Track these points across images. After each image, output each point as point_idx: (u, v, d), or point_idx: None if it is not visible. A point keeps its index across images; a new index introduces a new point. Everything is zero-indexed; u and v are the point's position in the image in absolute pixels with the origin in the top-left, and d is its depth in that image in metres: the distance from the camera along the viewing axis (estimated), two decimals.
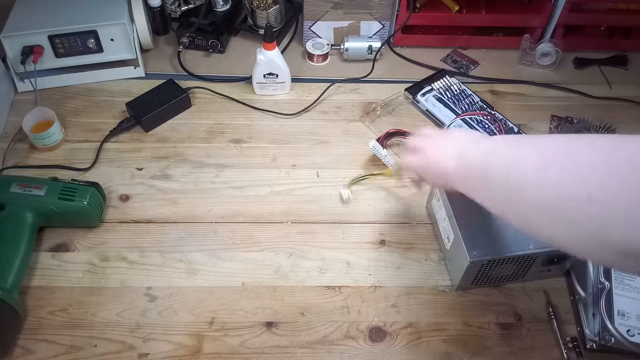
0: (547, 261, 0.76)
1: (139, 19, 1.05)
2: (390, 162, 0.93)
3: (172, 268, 0.83)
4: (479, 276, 0.77)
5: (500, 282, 0.80)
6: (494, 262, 0.74)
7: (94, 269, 0.82)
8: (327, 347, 0.75)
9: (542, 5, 1.10)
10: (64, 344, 0.75)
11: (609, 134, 0.97)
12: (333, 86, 1.08)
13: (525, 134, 0.98)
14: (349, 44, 1.11)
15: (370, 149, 0.94)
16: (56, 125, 0.95)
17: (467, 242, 0.74)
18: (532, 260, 0.75)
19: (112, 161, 0.96)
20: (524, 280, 0.80)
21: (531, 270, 0.78)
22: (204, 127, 1.01)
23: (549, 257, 0.75)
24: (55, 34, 1.00)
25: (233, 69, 1.12)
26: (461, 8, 1.11)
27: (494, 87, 1.10)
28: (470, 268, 0.74)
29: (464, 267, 0.74)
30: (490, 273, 0.76)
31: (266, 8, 1.12)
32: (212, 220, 0.88)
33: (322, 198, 0.91)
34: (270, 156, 0.97)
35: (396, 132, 0.98)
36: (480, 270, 0.75)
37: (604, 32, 1.17)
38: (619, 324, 0.73)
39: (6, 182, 0.83)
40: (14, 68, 1.02)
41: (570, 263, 0.80)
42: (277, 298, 0.80)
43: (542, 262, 0.76)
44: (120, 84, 1.08)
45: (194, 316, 0.78)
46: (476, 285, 0.79)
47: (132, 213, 0.89)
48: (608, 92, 1.09)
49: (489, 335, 0.77)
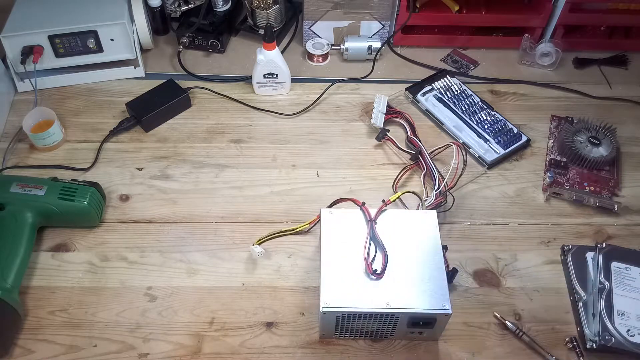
0: (412, 323, 0.71)
1: (139, 19, 1.05)
2: (377, 123, 0.97)
3: (172, 268, 0.83)
4: (340, 328, 0.73)
5: (367, 337, 0.75)
6: (349, 315, 0.70)
7: (94, 269, 0.82)
8: (327, 347, 0.75)
9: (542, 5, 1.10)
10: (63, 344, 0.75)
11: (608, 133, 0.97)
12: (333, 86, 1.08)
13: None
14: (349, 44, 1.11)
15: (375, 100, 0.99)
16: (56, 125, 0.95)
17: (325, 291, 0.70)
18: (393, 320, 0.71)
19: (112, 161, 0.96)
20: (393, 338, 0.76)
21: (398, 329, 0.73)
22: (204, 127, 1.01)
23: (412, 318, 0.70)
24: (55, 34, 1.00)
25: (233, 69, 1.12)
26: (461, 8, 1.11)
27: (494, 87, 1.10)
28: (324, 318, 0.71)
29: (319, 316, 0.71)
30: (352, 326, 0.72)
31: (266, 8, 1.12)
32: (212, 220, 0.88)
33: (322, 198, 0.91)
34: (270, 156, 0.97)
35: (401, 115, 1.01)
36: (338, 322, 0.71)
37: (604, 32, 1.17)
38: (619, 324, 0.73)
39: (6, 182, 0.83)
40: (14, 68, 1.02)
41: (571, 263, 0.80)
42: (277, 298, 0.80)
43: (407, 323, 0.71)
44: (120, 84, 1.08)
45: (194, 316, 0.78)
46: (340, 337, 0.75)
47: (132, 213, 0.89)
48: (608, 92, 1.09)
49: (489, 335, 0.77)
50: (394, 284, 0.71)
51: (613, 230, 0.89)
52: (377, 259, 0.73)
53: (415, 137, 0.97)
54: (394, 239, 0.75)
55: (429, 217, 0.78)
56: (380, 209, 0.78)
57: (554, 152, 0.98)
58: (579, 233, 0.88)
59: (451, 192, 0.89)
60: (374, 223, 0.76)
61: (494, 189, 0.93)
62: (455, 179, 0.88)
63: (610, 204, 0.90)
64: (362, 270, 0.72)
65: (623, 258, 0.80)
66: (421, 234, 0.76)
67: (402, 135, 0.99)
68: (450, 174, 0.88)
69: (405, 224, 0.77)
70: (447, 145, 0.93)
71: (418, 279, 0.71)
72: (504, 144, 0.97)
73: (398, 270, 0.72)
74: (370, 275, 0.72)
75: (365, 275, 0.72)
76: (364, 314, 0.70)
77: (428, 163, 0.91)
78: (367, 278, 0.72)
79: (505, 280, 0.83)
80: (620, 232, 0.89)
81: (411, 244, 0.75)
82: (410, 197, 0.88)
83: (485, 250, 0.86)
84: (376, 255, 0.74)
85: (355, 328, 0.73)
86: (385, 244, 0.74)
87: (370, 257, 0.73)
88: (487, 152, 0.96)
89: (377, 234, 0.75)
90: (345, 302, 0.69)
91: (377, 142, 0.99)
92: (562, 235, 0.88)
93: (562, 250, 0.85)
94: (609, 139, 0.96)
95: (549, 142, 1.00)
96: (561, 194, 0.92)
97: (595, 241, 0.85)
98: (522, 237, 0.88)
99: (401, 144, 0.96)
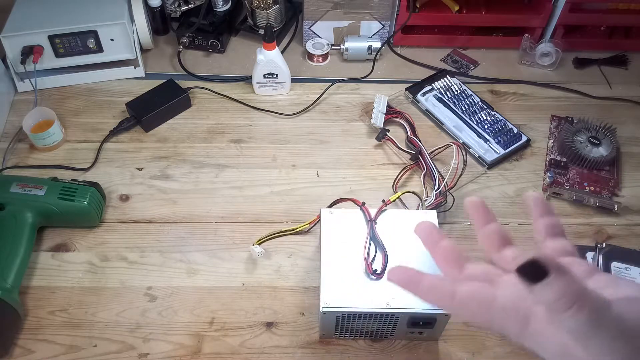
0: (412, 323, 0.71)
1: (139, 19, 1.05)
2: (377, 123, 0.97)
3: (172, 268, 0.83)
4: (340, 328, 0.73)
5: (367, 337, 0.76)
6: (349, 315, 0.70)
7: (94, 269, 0.82)
8: (327, 347, 0.75)
9: (542, 5, 1.10)
10: (63, 344, 0.75)
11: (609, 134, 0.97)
12: (333, 86, 1.08)
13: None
14: (349, 44, 1.11)
15: (375, 100, 1.00)
16: (56, 125, 0.95)
17: (325, 291, 0.70)
18: (393, 320, 0.71)
19: (112, 161, 0.96)
20: (393, 338, 0.76)
21: (398, 329, 0.73)
22: (204, 127, 1.01)
23: (412, 318, 0.70)
24: (55, 34, 1.00)
25: (233, 69, 1.12)
26: (461, 8, 1.11)
27: (494, 87, 1.10)
28: (324, 318, 0.71)
29: (319, 316, 0.71)
30: (352, 326, 0.72)
31: (266, 8, 1.12)
32: (212, 220, 0.88)
33: (322, 198, 0.91)
34: (270, 156, 0.97)
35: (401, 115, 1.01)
36: (338, 322, 0.71)
37: (604, 32, 1.17)
38: None
39: (6, 182, 0.83)
40: (14, 68, 1.02)
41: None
42: (277, 298, 0.80)
43: (407, 323, 0.71)
44: (120, 84, 1.08)
45: (194, 316, 0.78)
46: (340, 337, 0.76)
47: (132, 213, 0.89)
48: (608, 92, 1.09)
49: (489, 335, 0.77)
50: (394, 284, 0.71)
51: (613, 230, 0.89)
52: (377, 259, 0.73)
53: (415, 137, 0.97)
54: (394, 239, 0.75)
55: (429, 217, 0.78)
56: (380, 209, 0.78)
57: (554, 152, 0.98)
58: (579, 233, 0.88)
59: (451, 192, 0.89)
60: (374, 223, 0.76)
61: (494, 189, 0.93)
62: (455, 179, 0.88)
63: (610, 204, 0.90)
64: (362, 270, 0.72)
65: (623, 258, 0.80)
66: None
67: (402, 135, 0.99)
68: (450, 174, 0.88)
69: (405, 224, 0.77)
70: (447, 145, 0.93)
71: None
72: (504, 144, 0.97)
73: None
74: (370, 275, 0.72)
75: (365, 275, 0.72)
76: (364, 314, 0.70)
77: (428, 163, 0.91)
78: (367, 278, 0.72)
79: None
80: (620, 232, 0.89)
81: (411, 244, 0.75)
82: (410, 197, 0.88)
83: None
84: (376, 255, 0.73)
85: (355, 328, 0.73)
86: (385, 244, 0.74)
87: (370, 257, 0.73)
88: (487, 152, 0.96)
89: (377, 234, 0.75)
90: (345, 302, 0.69)
91: (377, 142, 0.99)
92: None
93: None
94: (609, 139, 0.96)
95: (549, 142, 1.00)
96: (561, 194, 0.92)
97: (595, 241, 0.85)
98: (522, 237, 0.87)
99: (401, 144, 0.96)
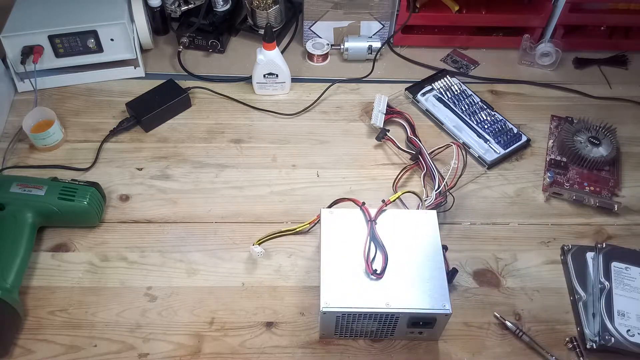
0: (412, 323, 0.71)
1: (139, 19, 1.05)
2: (377, 123, 0.97)
3: (172, 268, 0.83)
4: (340, 328, 0.73)
5: (367, 336, 0.76)
6: (349, 315, 0.70)
7: (93, 269, 0.82)
8: (327, 347, 0.75)
9: (542, 5, 1.10)
10: (63, 344, 0.75)
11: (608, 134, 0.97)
12: (333, 86, 1.08)
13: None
14: (349, 44, 1.11)
15: (375, 100, 1.00)
16: (56, 125, 0.95)
17: (325, 291, 0.70)
18: (393, 320, 0.71)
19: (112, 161, 0.96)
20: (393, 338, 0.76)
21: (398, 329, 0.73)
22: (204, 127, 1.01)
23: (412, 318, 0.70)
24: (55, 34, 1.00)
25: (233, 69, 1.12)
26: (461, 8, 1.11)
27: (494, 87, 1.10)
28: (324, 318, 0.71)
29: (319, 316, 0.71)
30: (352, 326, 0.73)
31: (266, 8, 1.12)
32: (212, 220, 0.88)
33: (322, 198, 0.91)
34: (270, 156, 0.97)
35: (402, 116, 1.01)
36: (338, 322, 0.71)
37: (604, 32, 1.17)
38: (619, 324, 0.73)
39: (6, 182, 0.83)
40: (14, 68, 1.02)
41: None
42: (277, 298, 0.80)
43: (406, 323, 0.71)
44: (120, 84, 1.08)
45: (194, 316, 0.78)
46: (340, 337, 0.75)
47: (132, 213, 0.89)
48: (608, 92, 1.09)
49: (489, 336, 0.77)
50: (394, 284, 0.71)
51: (613, 230, 0.89)
52: (377, 259, 0.73)
53: (415, 137, 0.97)
54: (394, 239, 0.75)
55: (429, 217, 0.78)
56: (380, 209, 0.78)
57: (554, 152, 0.98)
58: (579, 233, 0.88)
59: (451, 192, 0.89)
60: (374, 223, 0.76)
61: (494, 189, 0.93)
62: (455, 179, 0.88)
63: (610, 204, 0.90)
64: (362, 270, 0.72)
65: (623, 258, 0.80)
66: (421, 234, 0.76)
67: (402, 135, 0.99)
68: (450, 174, 0.88)
69: (405, 224, 0.77)
70: (447, 145, 0.93)
71: (418, 279, 0.71)
72: (504, 144, 0.97)
73: (398, 270, 0.72)
74: (370, 275, 0.72)
75: (365, 275, 0.72)
76: (364, 314, 0.70)
77: (428, 163, 0.91)
78: (367, 278, 0.72)
79: (505, 280, 0.83)
80: (620, 232, 0.89)
81: (411, 244, 0.75)
82: (410, 197, 0.88)
83: (485, 250, 0.86)
84: (376, 255, 0.74)
85: (355, 328, 0.73)
86: (385, 244, 0.74)
87: (370, 257, 0.73)
88: (487, 152, 0.96)
89: (377, 234, 0.75)
90: (345, 302, 0.69)
91: (377, 142, 0.99)
92: (562, 235, 0.88)
93: (562, 250, 0.85)
94: (609, 139, 0.96)
95: (549, 142, 1.00)
96: (561, 194, 0.92)
97: (595, 241, 0.85)
98: (522, 237, 0.88)
99: (401, 144, 0.96)
